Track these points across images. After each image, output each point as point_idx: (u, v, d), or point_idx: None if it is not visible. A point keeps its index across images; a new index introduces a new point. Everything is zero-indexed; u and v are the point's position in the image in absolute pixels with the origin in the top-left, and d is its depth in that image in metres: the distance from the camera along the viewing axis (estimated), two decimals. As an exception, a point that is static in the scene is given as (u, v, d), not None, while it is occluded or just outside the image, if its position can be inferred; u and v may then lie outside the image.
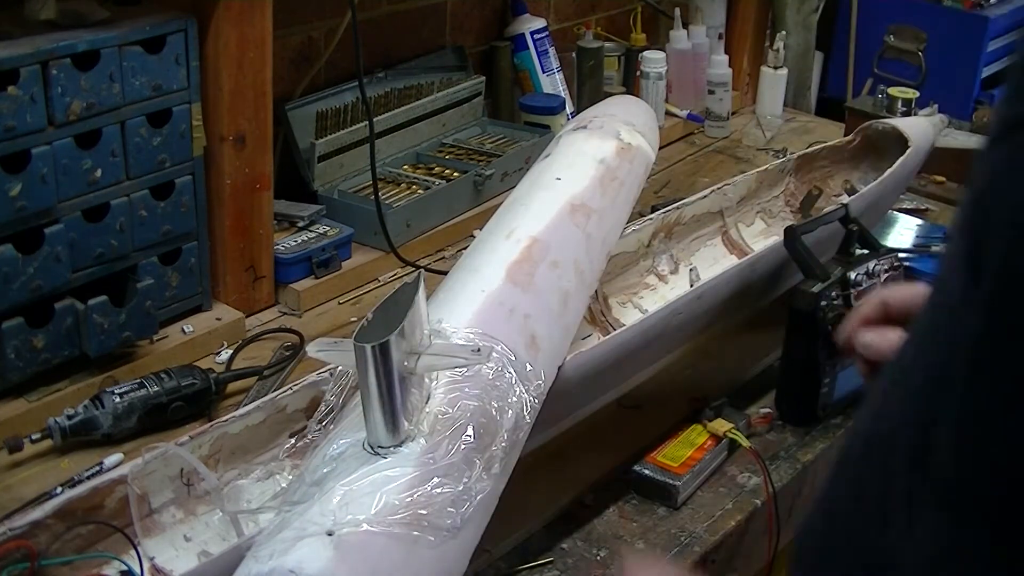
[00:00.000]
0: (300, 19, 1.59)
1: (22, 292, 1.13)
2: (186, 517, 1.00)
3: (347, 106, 1.62)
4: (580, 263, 1.11)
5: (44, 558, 0.87)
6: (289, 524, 0.79)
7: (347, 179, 1.64)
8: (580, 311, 1.12)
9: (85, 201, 1.18)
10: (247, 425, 1.04)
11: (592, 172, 1.21)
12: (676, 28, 2.08)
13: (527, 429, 0.95)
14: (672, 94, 2.08)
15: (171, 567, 0.95)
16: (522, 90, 1.94)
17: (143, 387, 1.14)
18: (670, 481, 1.15)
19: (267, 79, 1.33)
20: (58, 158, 1.14)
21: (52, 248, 1.15)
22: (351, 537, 0.76)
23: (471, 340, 0.96)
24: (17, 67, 1.08)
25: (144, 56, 1.19)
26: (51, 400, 1.17)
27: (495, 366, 0.95)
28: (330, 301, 1.47)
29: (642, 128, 1.33)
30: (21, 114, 1.09)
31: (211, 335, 1.33)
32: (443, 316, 0.98)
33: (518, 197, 1.20)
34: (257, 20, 1.30)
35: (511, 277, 1.04)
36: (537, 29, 1.92)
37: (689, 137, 2.10)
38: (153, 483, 0.97)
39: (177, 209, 1.28)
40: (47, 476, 1.08)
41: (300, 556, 0.74)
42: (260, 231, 1.39)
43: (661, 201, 1.72)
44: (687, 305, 1.25)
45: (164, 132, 1.23)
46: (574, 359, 1.09)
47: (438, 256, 1.60)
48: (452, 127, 1.82)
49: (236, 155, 1.33)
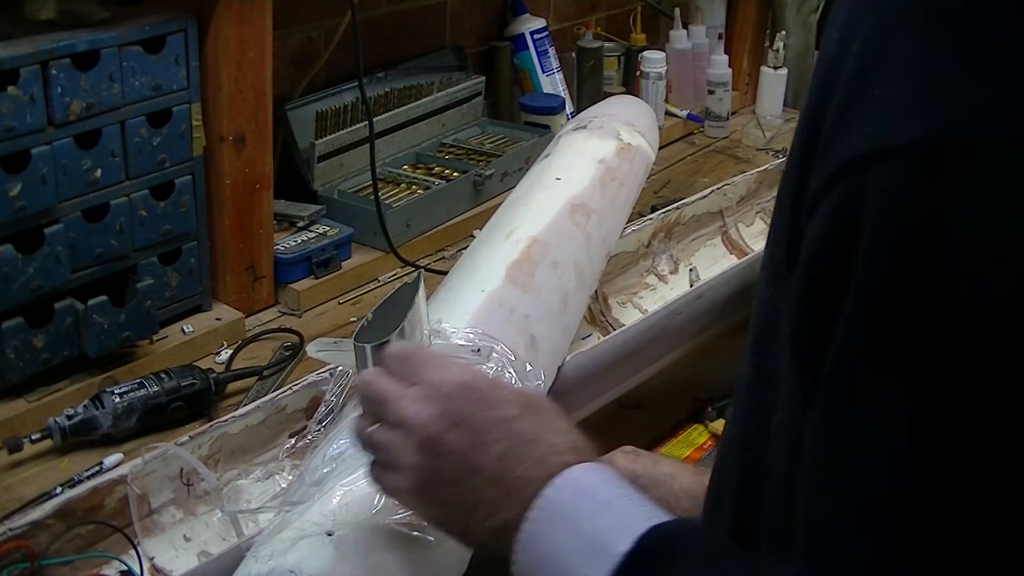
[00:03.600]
0: (300, 19, 1.59)
1: (22, 292, 1.13)
2: (186, 517, 1.00)
3: (347, 106, 1.62)
4: (580, 263, 1.11)
5: (44, 558, 0.87)
6: (289, 524, 0.79)
7: (347, 179, 1.64)
8: (580, 311, 1.12)
9: (85, 201, 1.18)
10: (247, 425, 1.04)
11: (592, 172, 1.21)
12: (676, 28, 2.08)
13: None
14: (672, 94, 2.08)
15: (171, 567, 0.95)
16: (522, 90, 1.94)
17: (143, 387, 1.14)
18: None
19: (267, 79, 1.33)
20: (58, 158, 1.14)
21: (52, 248, 1.15)
22: (351, 537, 0.76)
23: (471, 340, 0.96)
24: (17, 67, 1.08)
25: (144, 56, 1.19)
26: (51, 400, 1.17)
27: (495, 366, 0.95)
28: (330, 301, 1.47)
29: (642, 128, 1.33)
30: (21, 114, 1.09)
31: (211, 335, 1.33)
32: (443, 316, 0.98)
33: (518, 197, 1.20)
34: (257, 20, 1.30)
35: (511, 277, 1.04)
36: (537, 29, 1.92)
37: (689, 137, 2.10)
38: (153, 483, 0.97)
39: (177, 209, 1.28)
40: (47, 476, 1.08)
41: (300, 556, 0.74)
42: (260, 231, 1.39)
43: (661, 201, 1.72)
44: (687, 305, 1.25)
45: (164, 132, 1.23)
46: (574, 359, 1.09)
47: (438, 256, 1.60)
48: (452, 127, 1.82)
49: (236, 155, 1.33)
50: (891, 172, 0.46)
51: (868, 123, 0.48)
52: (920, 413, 0.47)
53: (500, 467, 0.69)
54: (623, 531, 0.62)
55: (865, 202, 0.47)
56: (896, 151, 0.46)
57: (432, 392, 0.72)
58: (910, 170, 0.46)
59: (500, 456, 0.69)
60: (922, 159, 0.46)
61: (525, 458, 0.68)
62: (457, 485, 0.70)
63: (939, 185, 0.45)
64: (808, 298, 0.52)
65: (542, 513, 0.65)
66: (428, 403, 0.71)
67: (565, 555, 0.63)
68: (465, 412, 0.71)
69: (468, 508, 0.69)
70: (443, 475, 0.70)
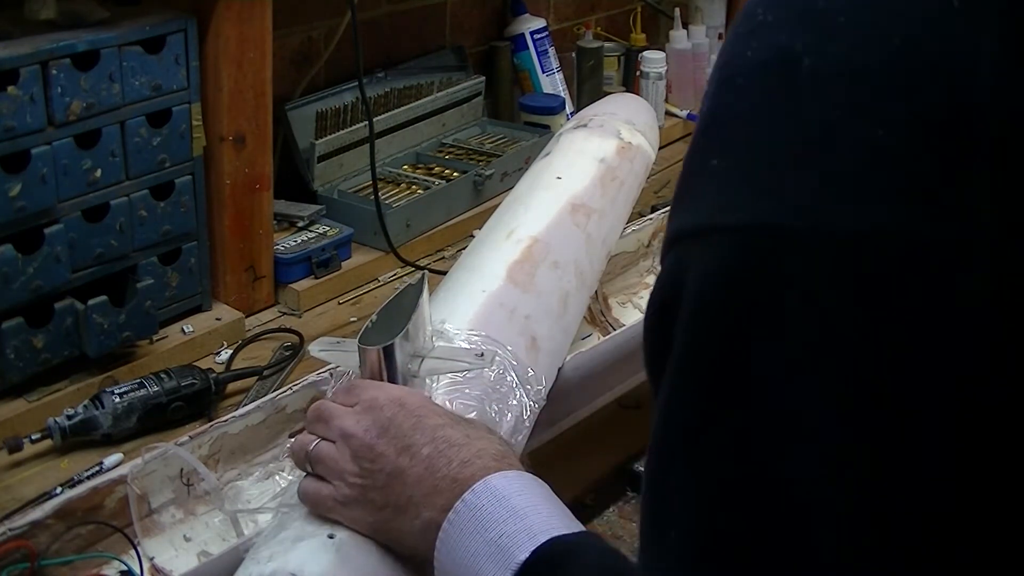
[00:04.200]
0: (300, 19, 1.59)
1: (22, 292, 1.13)
2: (186, 517, 1.00)
3: (347, 106, 1.62)
4: (580, 264, 1.11)
5: (44, 558, 0.87)
6: (288, 526, 0.79)
7: (347, 179, 1.64)
8: (580, 312, 1.12)
9: (85, 201, 1.18)
10: (247, 425, 1.04)
11: (593, 171, 1.21)
12: (676, 28, 2.08)
13: (526, 433, 0.95)
14: (672, 94, 2.08)
15: (171, 567, 0.94)
16: (522, 90, 1.94)
17: (143, 387, 1.14)
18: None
19: (267, 79, 1.33)
20: (58, 158, 1.14)
21: (52, 248, 1.15)
22: (352, 539, 0.76)
23: (474, 343, 0.96)
24: (17, 67, 1.08)
25: (144, 56, 1.19)
26: (51, 400, 1.17)
27: (497, 369, 0.95)
28: (330, 301, 1.47)
29: (642, 127, 1.33)
30: (21, 114, 1.09)
31: (211, 335, 1.33)
32: (445, 316, 0.98)
33: (518, 196, 1.20)
34: (257, 20, 1.30)
35: (512, 277, 1.04)
36: (537, 29, 1.92)
37: (689, 137, 2.09)
38: (153, 483, 0.97)
39: (177, 209, 1.28)
40: (47, 476, 1.08)
41: (301, 558, 0.74)
42: (260, 231, 1.39)
43: (661, 201, 1.72)
44: (687, 305, 1.24)
45: (164, 132, 1.23)
46: (574, 359, 1.09)
47: (438, 256, 1.60)
48: (452, 127, 1.82)
49: (236, 155, 1.33)
50: (712, 253, 0.46)
51: (702, 197, 0.47)
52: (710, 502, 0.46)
53: (427, 468, 0.74)
54: (527, 539, 0.66)
55: (688, 277, 0.46)
56: (719, 231, 0.45)
57: (368, 406, 0.78)
58: (730, 254, 0.45)
59: (427, 457, 0.74)
60: (743, 244, 0.45)
61: (452, 459, 0.73)
62: (389, 488, 0.74)
63: (755, 273, 0.44)
64: (647, 346, 0.52)
65: (459, 516, 0.70)
66: (364, 415, 0.78)
67: (476, 559, 0.68)
68: (396, 420, 0.76)
69: (399, 509, 0.74)
70: (377, 479, 0.75)
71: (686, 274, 0.47)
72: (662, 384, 0.49)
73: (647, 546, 0.50)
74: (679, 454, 0.47)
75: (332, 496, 0.77)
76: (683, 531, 0.47)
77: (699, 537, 0.46)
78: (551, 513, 0.70)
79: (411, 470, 0.74)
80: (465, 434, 0.76)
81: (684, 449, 0.47)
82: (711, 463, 0.46)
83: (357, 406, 0.79)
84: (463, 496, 0.71)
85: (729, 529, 0.45)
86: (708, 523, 0.46)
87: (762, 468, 0.44)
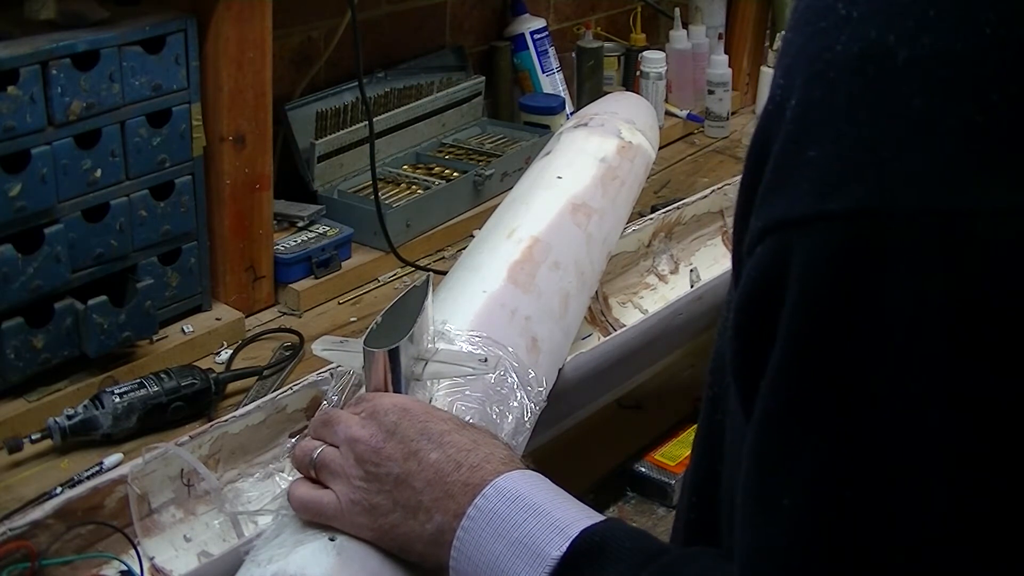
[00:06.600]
0: (300, 19, 1.59)
1: (22, 292, 1.13)
2: (186, 517, 1.00)
3: (347, 106, 1.62)
4: (581, 264, 1.11)
5: (44, 558, 0.87)
6: (288, 527, 0.79)
7: (347, 179, 1.64)
8: (581, 313, 1.12)
9: (85, 201, 1.18)
10: (247, 425, 1.04)
11: (593, 171, 1.21)
12: (676, 28, 2.08)
13: (527, 434, 0.95)
14: (672, 94, 2.08)
15: (171, 567, 0.94)
16: (522, 90, 1.94)
17: (143, 387, 1.14)
18: (666, 480, 1.16)
19: (267, 79, 1.33)
20: (58, 158, 1.14)
21: (52, 248, 1.15)
22: (353, 542, 0.76)
23: (475, 344, 0.95)
24: (17, 67, 1.08)
25: (144, 56, 1.19)
26: (51, 400, 1.17)
27: (498, 371, 0.94)
28: (330, 301, 1.47)
29: (643, 126, 1.33)
30: (21, 114, 1.09)
31: (211, 335, 1.33)
32: (446, 317, 0.98)
33: (519, 195, 1.20)
34: (257, 20, 1.29)
35: (512, 278, 1.04)
36: (537, 29, 1.92)
37: (689, 137, 2.10)
38: (153, 483, 0.97)
39: (177, 209, 1.28)
40: (47, 476, 1.08)
41: (302, 560, 0.74)
42: (260, 231, 1.39)
43: (661, 201, 1.72)
44: (687, 305, 1.25)
45: (164, 132, 1.23)
46: (574, 359, 1.09)
47: (438, 256, 1.60)
48: (452, 127, 1.82)
49: (236, 155, 1.33)
50: (816, 240, 0.47)
51: (800, 185, 0.48)
52: (823, 478, 0.48)
53: (436, 472, 0.73)
54: (555, 534, 0.66)
55: (791, 264, 0.48)
56: (824, 218, 0.47)
57: (373, 412, 0.78)
58: (835, 240, 0.46)
59: (435, 462, 0.73)
60: (848, 230, 0.46)
61: (462, 464, 0.73)
62: (396, 492, 0.73)
63: (861, 257, 0.46)
64: (741, 334, 0.52)
65: (474, 521, 0.69)
66: (369, 421, 0.77)
67: (501, 560, 0.67)
68: (402, 425, 0.76)
69: (408, 513, 0.73)
70: (384, 483, 0.74)
71: (788, 262, 0.48)
72: (770, 363, 0.49)
73: (749, 524, 0.51)
74: (796, 436, 0.49)
75: (334, 503, 0.76)
76: (797, 502, 0.49)
77: (816, 507, 0.48)
78: (568, 505, 0.69)
79: (419, 474, 0.73)
80: (472, 439, 0.75)
81: (801, 431, 0.48)
82: (827, 444, 0.48)
83: (362, 413, 0.79)
84: (475, 501, 0.70)
85: (847, 497, 0.47)
86: (825, 499, 0.48)
87: (874, 451, 0.46)
